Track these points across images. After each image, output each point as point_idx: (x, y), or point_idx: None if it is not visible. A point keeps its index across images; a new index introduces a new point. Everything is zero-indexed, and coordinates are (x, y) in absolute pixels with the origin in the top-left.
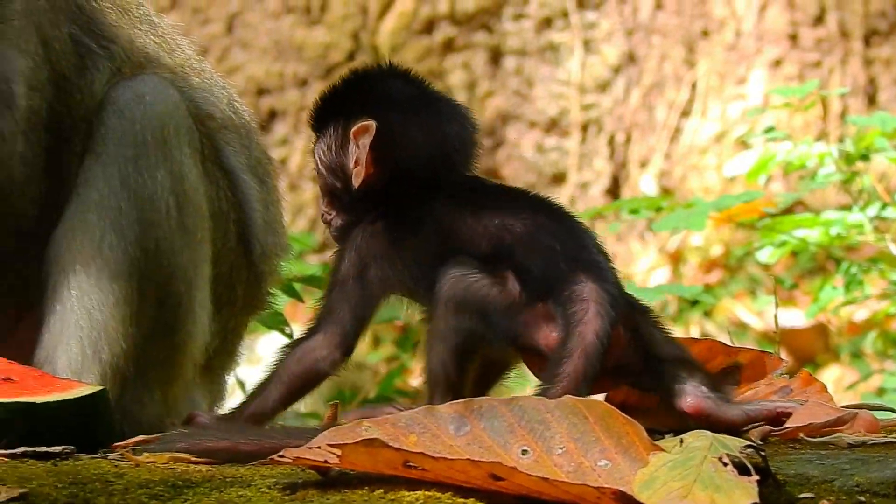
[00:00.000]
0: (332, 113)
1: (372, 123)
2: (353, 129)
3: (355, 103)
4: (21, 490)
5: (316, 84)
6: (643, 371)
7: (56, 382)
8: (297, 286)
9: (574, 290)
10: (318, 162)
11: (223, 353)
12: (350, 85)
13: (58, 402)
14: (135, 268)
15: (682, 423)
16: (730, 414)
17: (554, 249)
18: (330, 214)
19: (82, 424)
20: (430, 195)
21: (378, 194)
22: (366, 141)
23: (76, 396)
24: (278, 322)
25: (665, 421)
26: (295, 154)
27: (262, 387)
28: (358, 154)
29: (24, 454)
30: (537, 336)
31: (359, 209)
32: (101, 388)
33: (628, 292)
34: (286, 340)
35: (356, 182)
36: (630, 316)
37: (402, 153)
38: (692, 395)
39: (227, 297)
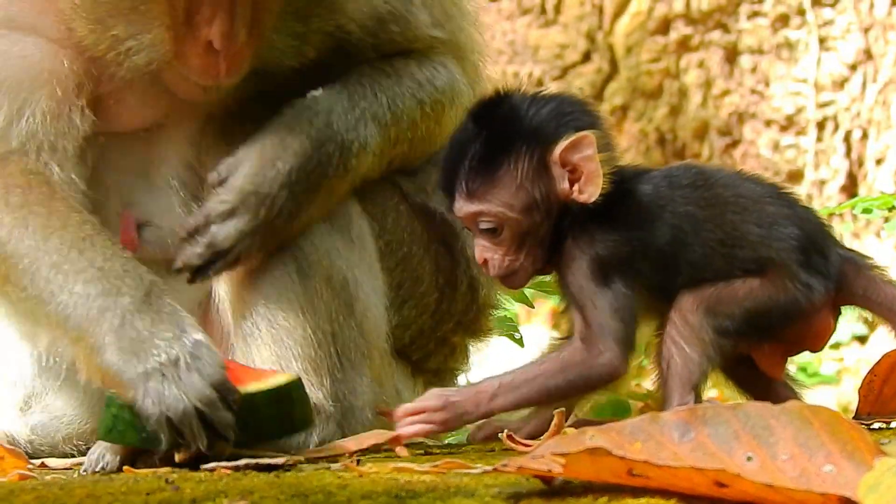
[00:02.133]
0: (498, 156)
1: (588, 133)
2: (559, 149)
3: (528, 130)
4: (243, 502)
5: (552, 85)
6: None
7: (250, 372)
8: (528, 292)
9: (860, 276)
10: (506, 211)
11: (445, 372)
12: (497, 120)
13: (254, 392)
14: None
15: None
16: None
17: (818, 228)
18: (518, 260)
19: (279, 412)
20: (641, 190)
21: (580, 205)
22: (589, 152)
23: (272, 386)
24: (508, 327)
25: None
26: None
27: None
28: (584, 167)
29: (246, 466)
30: (815, 327)
31: (551, 234)
32: (295, 376)
33: None
34: (515, 346)
35: (588, 196)
36: None
37: (611, 156)
38: None
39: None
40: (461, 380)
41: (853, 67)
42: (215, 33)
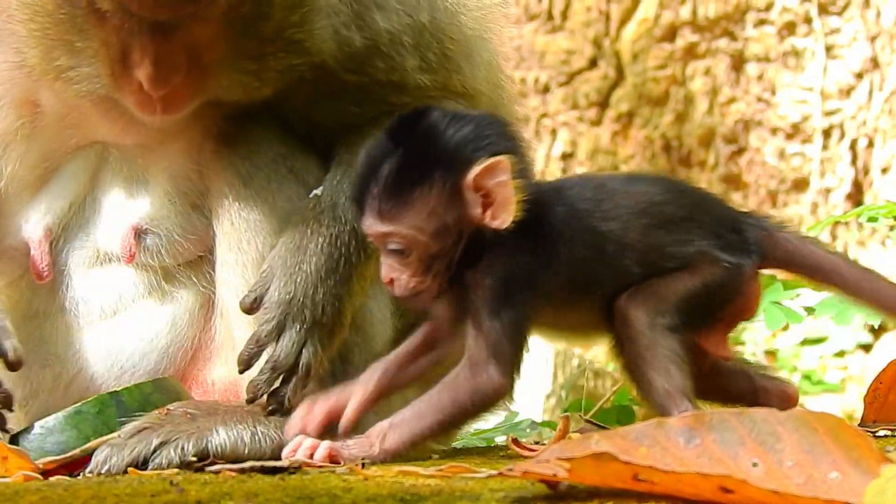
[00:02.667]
0: (411, 178)
1: (502, 159)
2: (472, 174)
3: (443, 152)
4: None
5: (558, 91)
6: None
7: None
8: None
9: (776, 241)
10: (416, 234)
11: None
12: (413, 140)
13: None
14: None
15: None
16: None
17: (721, 207)
18: (424, 283)
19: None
20: (551, 211)
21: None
22: (503, 178)
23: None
24: None
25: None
26: (536, 161)
27: None
28: (498, 193)
29: (251, 468)
30: (747, 299)
31: (459, 258)
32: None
33: None
34: None
35: (501, 222)
36: None
37: (527, 182)
38: None
39: None
40: None
41: (859, 76)
42: (143, 77)
